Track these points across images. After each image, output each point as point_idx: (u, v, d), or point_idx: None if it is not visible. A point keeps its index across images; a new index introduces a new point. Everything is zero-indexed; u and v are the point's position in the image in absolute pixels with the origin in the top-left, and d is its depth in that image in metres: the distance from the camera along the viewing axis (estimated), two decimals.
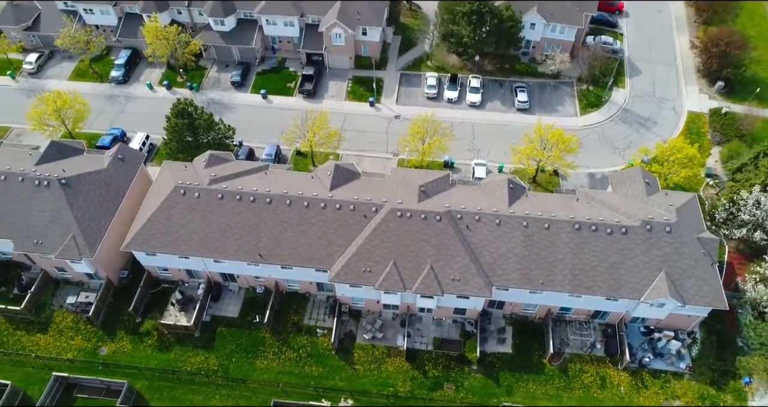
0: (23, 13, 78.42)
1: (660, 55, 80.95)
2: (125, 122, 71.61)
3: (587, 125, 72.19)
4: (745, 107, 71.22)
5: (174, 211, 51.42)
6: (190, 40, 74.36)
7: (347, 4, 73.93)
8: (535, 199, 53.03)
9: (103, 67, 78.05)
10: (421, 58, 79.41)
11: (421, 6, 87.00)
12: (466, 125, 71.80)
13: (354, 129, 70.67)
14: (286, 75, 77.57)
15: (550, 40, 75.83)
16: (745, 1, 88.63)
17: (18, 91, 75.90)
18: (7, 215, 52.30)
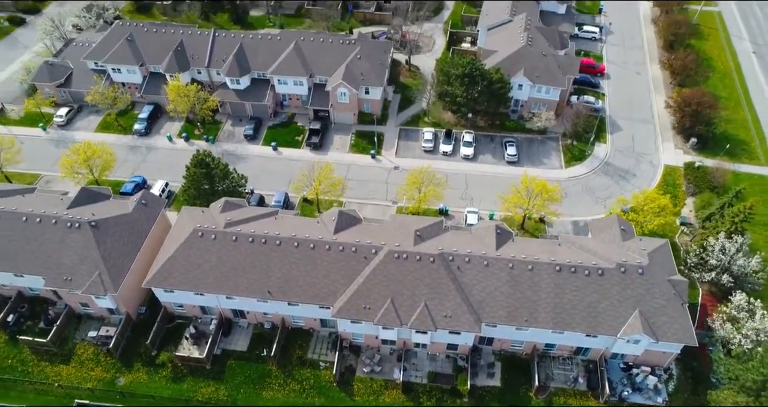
0: (57, 71, 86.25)
1: (639, 114, 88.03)
2: (146, 170, 77.83)
3: (572, 176, 78.21)
4: (717, 161, 77.26)
5: (192, 251, 56.59)
6: (208, 97, 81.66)
7: (352, 66, 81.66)
8: (521, 243, 58.25)
9: (127, 121, 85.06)
10: (419, 115, 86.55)
11: (419, 67, 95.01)
12: (459, 176, 77.87)
13: (356, 179, 76.68)
14: (294, 129, 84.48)
15: (537, 100, 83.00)
16: (717, 64, 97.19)
17: (48, 141, 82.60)
18: (40, 253, 57.46)
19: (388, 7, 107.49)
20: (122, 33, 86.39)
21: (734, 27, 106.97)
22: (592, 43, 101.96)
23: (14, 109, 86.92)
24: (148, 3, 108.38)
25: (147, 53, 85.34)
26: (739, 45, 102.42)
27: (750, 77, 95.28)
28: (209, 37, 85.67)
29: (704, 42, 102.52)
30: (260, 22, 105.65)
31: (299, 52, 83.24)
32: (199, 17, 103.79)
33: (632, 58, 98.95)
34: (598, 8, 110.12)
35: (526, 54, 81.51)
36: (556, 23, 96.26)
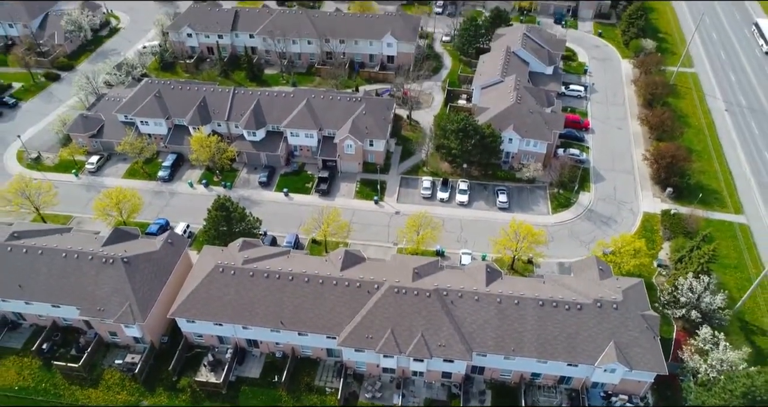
0: (90, 123, 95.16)
1: (620, 165, 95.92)
2: (169, 213, 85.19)
3: (558, 222, 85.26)
4: (690, 209, 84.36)
5: (213, 285, 63.11)
6: (227, 148, 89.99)
7: (358, 121, 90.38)
8: (509, 281, 64.72)
9: (152, 168, 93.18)
10: (418, 165, 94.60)
11: (419, 122, 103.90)
12: (455, 220, 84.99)
13: (361, 222, 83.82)
14: (304, 177, 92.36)
15: (526, 152, 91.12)
16: (692, 120, 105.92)
17: (79, 186, 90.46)
18: (76, 286, 64.02)
19: (391, 66, 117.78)
20: (151, 89, 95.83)
21: (708, 87, 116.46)
22: (578, 100, 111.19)
23: (49, 156, 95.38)
24: (172, 61, 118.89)
25: (173, 108, 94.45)
26: (713, 103, 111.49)
27: (722, 133, 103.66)
28: (229, 94, 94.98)
29: (681, 100, 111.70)
30: (274, 79, 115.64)
31: (310, 108, 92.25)
32: (219, 75, 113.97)
33: (614, 114, 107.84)
34: (584, 69, 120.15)
35: (516, 111, 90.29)
36: (544, 83, 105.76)
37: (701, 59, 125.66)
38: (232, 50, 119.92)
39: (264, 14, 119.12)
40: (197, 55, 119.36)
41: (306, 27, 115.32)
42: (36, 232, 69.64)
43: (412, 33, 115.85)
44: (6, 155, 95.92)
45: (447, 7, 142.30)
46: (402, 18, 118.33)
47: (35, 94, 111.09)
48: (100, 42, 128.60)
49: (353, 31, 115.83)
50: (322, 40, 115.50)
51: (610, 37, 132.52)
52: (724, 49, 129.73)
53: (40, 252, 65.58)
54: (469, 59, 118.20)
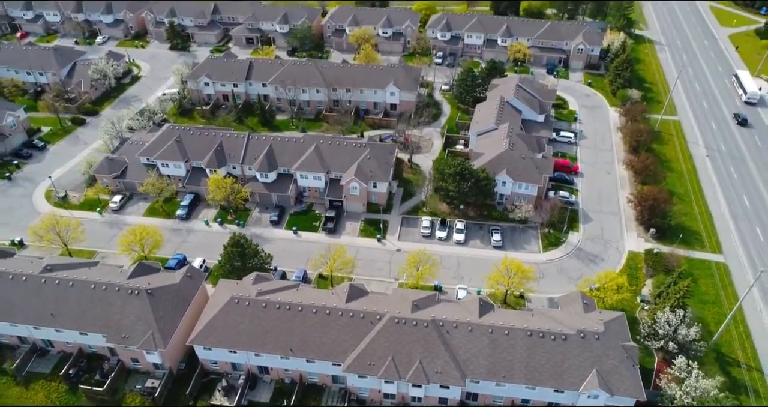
0: (115, 165, 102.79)
1: (607, 207, 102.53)
2: (186, 249, 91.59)
3: (548, 260, 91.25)
4: (672, 248, 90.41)
5: (229, 316, 68.89)
6: (241, 189, 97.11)
7: (363, 165, 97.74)
8: (500, 314, 70.39)
9: (171, 207, 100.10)
10: (418, 206, 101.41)
11: (419, 165, 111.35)
12: (452, 257, 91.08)
13: (365, 259, 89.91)
14: (312, 216, 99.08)
15: (518, 194, 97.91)
16: (675, 165, 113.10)
17: (103, 223, 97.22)
18: (102, 315, 69.84)
19: (393, 113, 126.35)
20: (172, 135, 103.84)
21: (691, 134, 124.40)
22: (569, 146, 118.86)
23: (75, 195, 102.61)
24: (190, 108, 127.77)
25: (191, 151, 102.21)
26: (695, 150, 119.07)
27: (704, 177, 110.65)
28: (244, 139, 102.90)
29: (665, 146, 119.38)
30: (285, 124, 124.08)
31: (319, 152, 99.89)
32: (233, 121, 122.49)
33: (602, 159, 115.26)
34: (574, 116, 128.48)
35: (508, 157, 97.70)
36: (536, 130, 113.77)
37: (684, 108, 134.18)
38: (246, 98, 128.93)
39: (276, 65, 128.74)
40: (213, 102, 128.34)
41: (315, 77, 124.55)
42: (66, 265, 75.98)
43: (413, 83, 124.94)
44: (36, 194, 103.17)
45: (446, 58, 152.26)
46: (404, 69, 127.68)
47: (62, 138, 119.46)
48: (123, 89, 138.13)
49: (359, 81, 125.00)
50: (329, 89, 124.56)
51: (599, 86, 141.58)
52: (706, 98, 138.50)
53: (71, 284, 71.72)
54: (467, 107, 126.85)
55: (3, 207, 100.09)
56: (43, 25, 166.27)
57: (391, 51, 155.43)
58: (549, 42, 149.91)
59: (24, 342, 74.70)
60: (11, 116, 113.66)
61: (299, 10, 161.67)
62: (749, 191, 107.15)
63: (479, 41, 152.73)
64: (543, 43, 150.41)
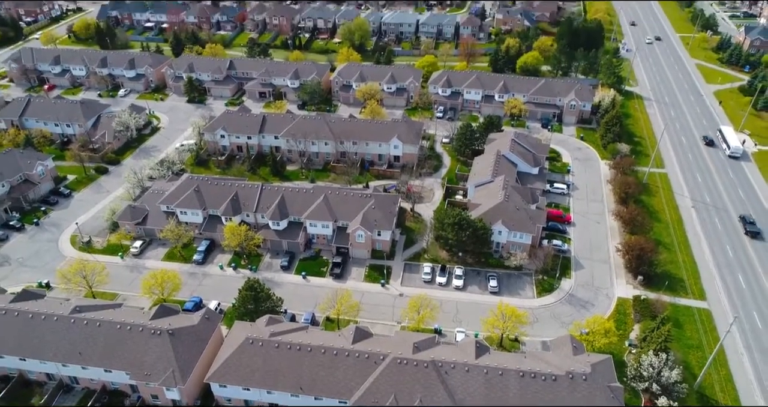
0: (137, 212, 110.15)
1: (598, 255, 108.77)
2: (202, 292, 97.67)
3: (542, 305, 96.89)
4: (658, 295, 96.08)
5: (244, 355, 74.46)
6: (254, 236, 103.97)
7: (368, 214, 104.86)
8: (495, 356, 75.80)
9: (188, 252, 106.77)
10: (420, 253, 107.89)
11: (421, 214, 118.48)
12: (451, 302, 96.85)
13: (369, 303, 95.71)
14: (320, 262, 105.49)
15: (513, 243, 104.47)
16: (662, 216, 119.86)
17: (124, 267, 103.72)
18: (127, 354, 75.49)
19: (397, 165, 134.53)
20: (190, 184, 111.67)
21: (677, 186, 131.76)
22: (562, 196, 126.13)
23: (99, 240, 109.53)
24: (206, 158, 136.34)
25: (208, 200, 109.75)
26: (681, 201, 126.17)
27: (689, 228, 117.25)
28: (258, 189, 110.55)
29: (652, 197, 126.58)
30: (295, 174, 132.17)
31: (327, 202, 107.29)
32: (247, 170, 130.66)
33: (593, 209, 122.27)
34: (567, 169, 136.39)
35: (504, 208, 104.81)
36: (531, 182, 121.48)
37: (671, 161, 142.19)
38: (259, 149, 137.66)
39: (288, 119, 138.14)
40: (228, 153, 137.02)
41: (324, 130, 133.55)
42: (93, 307, 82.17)
43: (415, 137, 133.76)
44: (61, 239, 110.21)
45: (447, 112, 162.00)
46: (407, 123, 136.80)
47: (86, 186, 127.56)
48: (143, 139, 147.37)
49: (364, 134, 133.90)
50: (337, 142, 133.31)
51: (590, 140, 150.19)
52: (692, 152, 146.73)
53: (98, 324, 77.73)
54: (466, 159, 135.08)
55: (31, 251, 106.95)
56: (70, 79, 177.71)
57: (395, 105, 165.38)
58: (543, 98, 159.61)
59: (51, 379, 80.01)
60: (41, 165, 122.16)
61: (309, 67, 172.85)
62: (732, 240, 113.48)
63: (478, 97, 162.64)
64: (538, 99, 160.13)
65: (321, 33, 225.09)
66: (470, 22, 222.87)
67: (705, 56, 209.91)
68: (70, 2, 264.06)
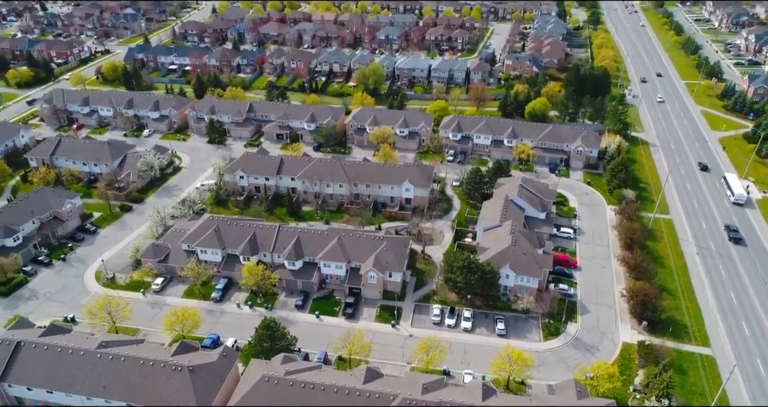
0: (159, 250, 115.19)
1: (603, 300, 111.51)
2: (220, 329, 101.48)
3: (548, 348, 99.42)
4: (662, 341, 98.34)
5: (260, 392, 77.71)
6: (270, 275, 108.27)
7: (380, 256, 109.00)
8: (501, 398, 78.44)
9: (207, 290, 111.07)
10: (430, 294, 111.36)
11: (431, 256, 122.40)
12: (460, 344, 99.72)
13: (380, 343, 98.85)
14: (333, 302, 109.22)
15: (520, 287, 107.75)
16: (667, 261, 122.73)
17: (145, 303, 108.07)
18: (149, 389, 79.03)
19: (408, 207, 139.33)
20: (211, 224, 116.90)
21: (682, 232, 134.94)
22: (568, 241, 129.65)
23: (122, 277, 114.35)
24: (225, 198, 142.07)
25: (228, 240, 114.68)
26: (686, 247, 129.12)
27: (693, 274, 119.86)
28: (275, 230, 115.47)
29: (657, 243, 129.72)
30: (310, 215, 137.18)
31: (341, 244, 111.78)
32: (264, 211, 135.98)
33: (599, 254, 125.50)
34: (574, 213, 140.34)
35: (511, 252, 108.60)
36: (538, 226, 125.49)
37: (676, 207, 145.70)
38: (276, 190, 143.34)
39: (304, 161, 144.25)
40: (247, 194, 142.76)
41: (338, 173, 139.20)
42: (118, 342, 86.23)
43: (426, 180, 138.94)
44: (87, 274, 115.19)
45: (457, 156, 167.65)
46: (418, 167, 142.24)
47: (111, 223, 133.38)
48: (166, 179, 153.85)
49: (377, 177, 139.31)
50: (351, 184, 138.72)
51: (597, 185, 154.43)
52: (697, 198, 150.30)
53: (123, 359, 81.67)
54: (475, 203, 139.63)
55: (58, 286, 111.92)
56: (97, 119, 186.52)
57: (407, 148, 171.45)
58: (551, 143, 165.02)
59: None
60: (69, 203, 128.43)
61: (325, 110, 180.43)
62: (736, 287, 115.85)
63: (487, 141, 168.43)
64: (545, 144, 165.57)
65: (336, 76, 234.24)
66: (480, 67, 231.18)
67: (710, 103, 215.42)
68: (98, 45, 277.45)
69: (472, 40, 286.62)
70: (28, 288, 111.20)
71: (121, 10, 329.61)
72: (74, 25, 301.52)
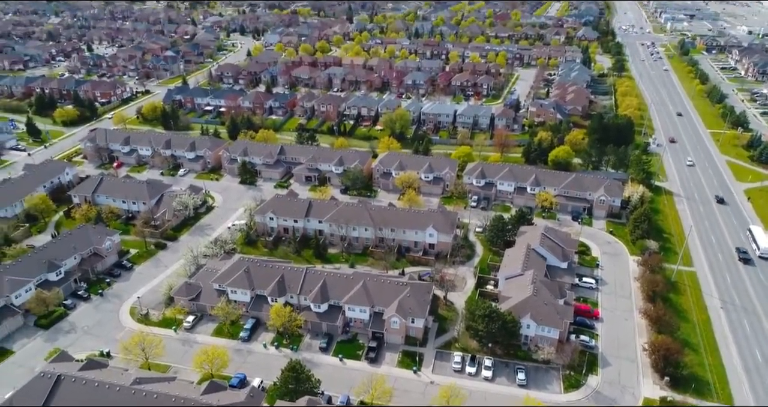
0: (192, 289, 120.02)
1: (625, 353, 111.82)
2: (246, 368, 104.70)
3: (568, 401, 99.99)
4: (684, 398, 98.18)
5: None
6: (296, 317, 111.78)
7: (403, 302, 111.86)
8: None
9: (235, 329, 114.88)
10: (451, 341, 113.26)
11: (453, 302, 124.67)
12: (480, 393, 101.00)
13: (401, 388, 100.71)
14: (357, 345, 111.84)
15: (541, 337, 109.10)
16: (690, 315, 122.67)
17: (176, 340, 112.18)
18: None
19: (431, 252, 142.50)
20: (241, 265, 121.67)
21: (706, 286, 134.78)
22: (590, 291, 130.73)
23: (155, 313, 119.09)
24: (255, 239, 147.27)
25: (257, 281, 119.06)
26: (710, 301, 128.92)
27: (717, 329, 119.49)
28: (302, 272, 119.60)
29: (680, 296, 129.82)
30: (335, 257, 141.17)
31: (366, 288, 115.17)
32: (292, 252, 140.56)
33: (621, 305, 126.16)
34: (596, 263, 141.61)
35: (533, 302, 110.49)
36: (559, 275, 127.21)
37: (700, 259, 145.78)
38: (304, 232, 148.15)
39: (332, 205, 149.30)
40: (275, 234, 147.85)
41: (364, 217, 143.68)
42: (151, 379, 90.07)
43: (450, 226, 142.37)
44: (122, 310, 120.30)
45: (480, 201, 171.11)
46: (442, 214, 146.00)
47: (146, 260, 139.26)
48: (199, 218, 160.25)
49: (402, 222, 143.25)
50: (376, 229, 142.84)
51: (620, 234, 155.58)
52: (721, 251, 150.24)
53: (155, 396, 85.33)
54: (498, 249, 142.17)
55: (95, 320, 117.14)
56: (136, 158, 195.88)
57: (432, 193, 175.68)
58: (574, 192, 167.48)
59: None
60: (109, 240, 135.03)
61: (352, 154, 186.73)
62: (761, 344, 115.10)
63: (510, 188, 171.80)
64: (568, 192, 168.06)
65: (364, 120, 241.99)
66: (505, 113, 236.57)
67: (735, 153, 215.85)
68: (139, 85, 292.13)
69: (497, 86, 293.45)
70: (68, 321, 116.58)
71: (162, 52, 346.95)
72: (118, 66, 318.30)
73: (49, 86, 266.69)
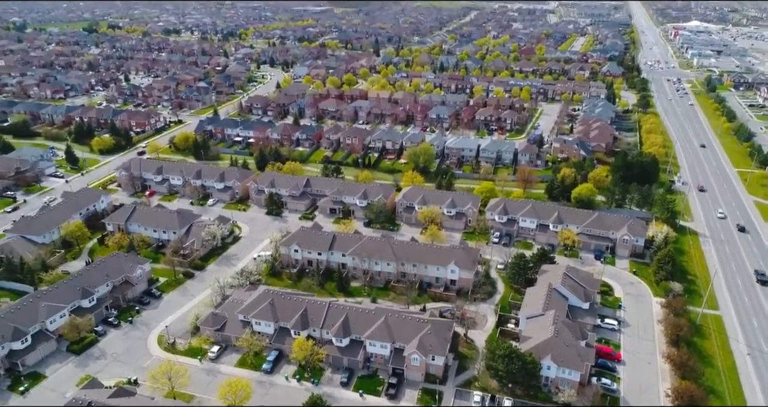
0: (217, 319, 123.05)
1: (648, 398, 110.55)
2: (268, 400, 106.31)
3: None
4: None
5: None
6: (318, 350, 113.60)
7: (424, 339, 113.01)
8: None
9: (258, 360, 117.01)
10: (471, 380, 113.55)
11: (474, 340, 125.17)
12: None
13: None
14: (377, 381, 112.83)
15: (562, 379, 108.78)
16: (715, 361, 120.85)
17: (201, 370, 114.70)
18: None
19: (453, 288, 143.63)
20: (266, 297, 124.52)
21: (732, 330, 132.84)
22: (612, 332, 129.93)
23: (182, 342, 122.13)
24: (280, 270, 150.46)
25: (281, 313, 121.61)
26: (736, 347, 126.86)
27: (744, 377, 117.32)
28: (325, 306, 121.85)
29: (705, 341, 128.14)
30: (358, 291, 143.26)
31: (387, 324, 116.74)
32: (315, 285, 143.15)
33: (644, 348, 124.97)
34: (618, 304, 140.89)
35: (553, 343, 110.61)
36: (581, 316, 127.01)
37: (726, 303, 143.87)
38: (327, 264, 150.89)
39: (355, 239, 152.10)
40: (300, 266, 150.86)
41: (387, 252, 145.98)
42: None
43: (471, 263, 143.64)
44: (150, 338, 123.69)
45: (502, 238, 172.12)
46: (464, 250, 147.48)
47: (174, 288, 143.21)
48: (226, 247, 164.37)
49: (424, 258, 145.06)
50: (398, 263, 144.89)
51: (643, 275, 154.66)
52: (748, 294, 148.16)
53: None
54: (519, 287, 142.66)
55: (124, 347, 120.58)
56: (168, 187, 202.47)
57: (454, 228, 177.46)
58: (596, 230, 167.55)
59: None
60: (140, 268, 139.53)
61: (377, 188, 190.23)
62: None
63: (533, 225, 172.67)
64: (591, 231, 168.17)
65: (389, 153, 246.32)
66: (528, 149, 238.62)
67: (764, 193, 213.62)
68: (173, 115, 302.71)
69: (521, 121, 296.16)
70: (98, 348, 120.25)
71: (195, 83, 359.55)
72: (153, 96, 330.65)
73: (87, 115, 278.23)
